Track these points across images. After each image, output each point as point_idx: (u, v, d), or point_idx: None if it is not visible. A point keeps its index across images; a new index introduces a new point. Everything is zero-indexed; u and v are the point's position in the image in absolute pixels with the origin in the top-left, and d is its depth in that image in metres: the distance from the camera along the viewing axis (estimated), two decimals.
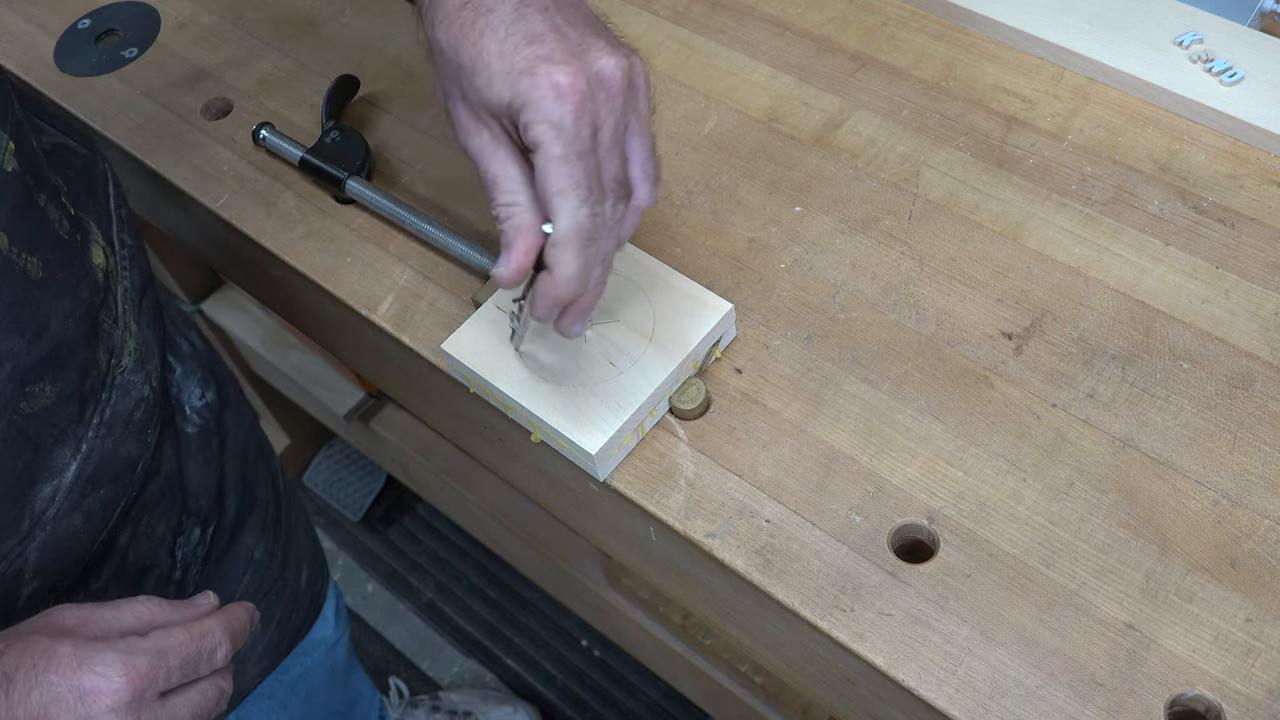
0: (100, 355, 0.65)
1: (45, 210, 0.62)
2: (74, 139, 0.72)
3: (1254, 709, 0.53)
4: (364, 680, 1.19)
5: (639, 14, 0.87)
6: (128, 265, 0.71)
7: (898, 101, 0.79)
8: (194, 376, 0.81)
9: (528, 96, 0.50)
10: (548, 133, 0.50)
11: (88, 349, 0.64)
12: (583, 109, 0.50)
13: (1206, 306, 0.67)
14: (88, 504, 0.65)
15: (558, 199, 0.51)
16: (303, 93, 0.85)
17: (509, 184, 0.53)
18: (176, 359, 0.80)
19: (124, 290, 0.70)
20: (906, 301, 0.69)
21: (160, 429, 0.72)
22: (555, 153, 0.50)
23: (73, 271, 0.64)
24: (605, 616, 1.25)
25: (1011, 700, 0.55)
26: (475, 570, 1.59)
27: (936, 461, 0.62)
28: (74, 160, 0.71)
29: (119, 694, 0.51)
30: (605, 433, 0.61)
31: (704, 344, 0.65)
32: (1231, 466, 0.61)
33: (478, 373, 0.64)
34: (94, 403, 0.65)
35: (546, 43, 0.51)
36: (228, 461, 0.83)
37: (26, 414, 0.60)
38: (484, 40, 0.51)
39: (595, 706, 1.47)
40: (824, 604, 0.58)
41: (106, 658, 0.51)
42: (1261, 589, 0.57)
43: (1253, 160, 0.73)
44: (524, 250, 0.53)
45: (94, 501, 0.65)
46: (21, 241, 0.59)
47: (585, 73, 0.51)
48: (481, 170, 0.54)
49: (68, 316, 0.62)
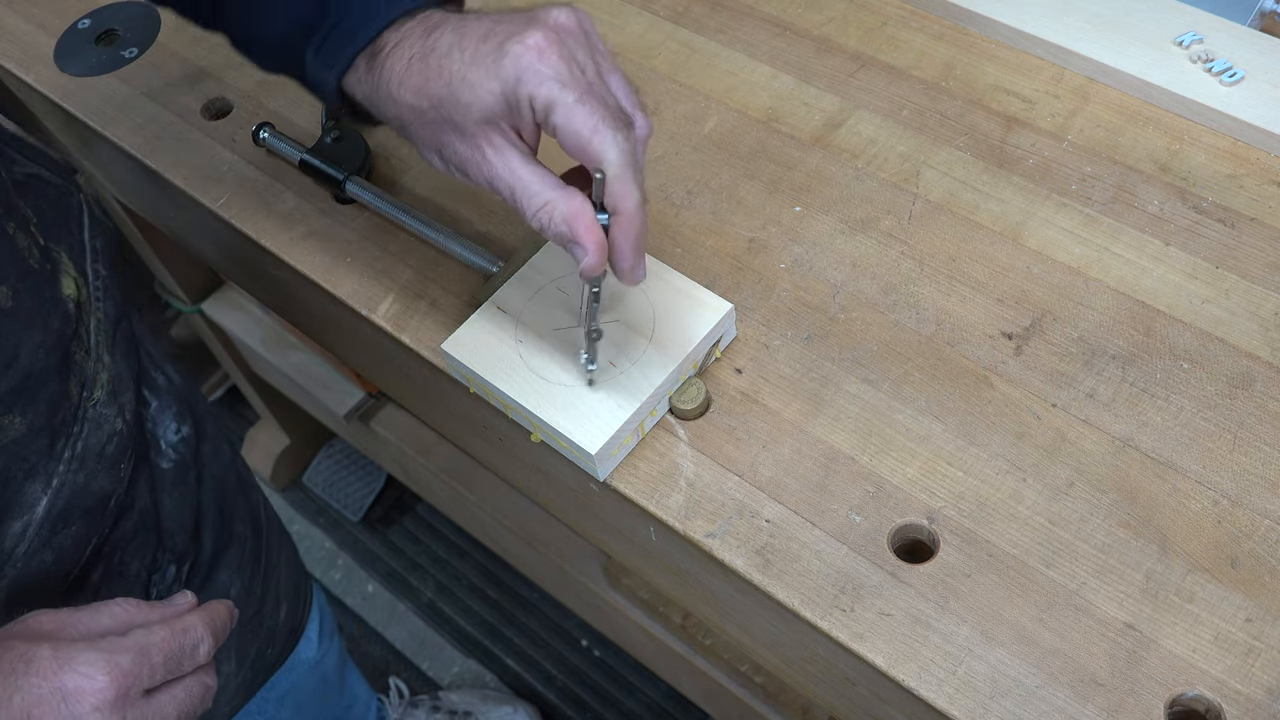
0: (72, 387, 0.64)
1: (14, 239, 0.62)
2: (49, 170, 0.72)
3: (1254, 709, 0.53)
4: (360, 684, 1.18)
5: (639, 14, 0.87)
6: (101, 296, 0.70)
7: (898, 101, 0.79)
8: (169, 411, 0.79)
9: (516, 70, 0.51)
10: (553, 87, 0.51)
11: (59, 380, 0.63)
12: (566, 55, 0.51)
13: (1206, 306, 0.67)
14: (59, 540, 0.64)
15: (596, 139, 0.51)
16: (302, 93, 0.84)
17: (531, 186, 0.53)
18: (152, 393, 0.78)
19: (97, 321, 0.69)
20: (906, 301, 0.69)
21: (134, 464, 0.71)
22: (570, 99, 0.51)
23: (43, 301, 0.63)
24: (605, 616, 1.25)
25: (1011, 700, 0.55)
26: (475, 570, 1.59)
27: (936, 461, 0.62)
28: (47, 191, 0.70)
29: (103, 693, 0.50)
30: (605, 433, 0.61)
31: (704, 344, 0.65)
32: (1231, 466, 0.61)
33: (478, 372, 0.64)
34: (65, 436, 0.64)
35: (499, 30, 0.52)
36: (205, 497, 0.82)
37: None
38: (447, 65, 0.52)
39: (595, 706, 1.47)
40: (824, 604, 0.58)
41: (88, 657, 0.51)
42: (1261, 589, 0.57)
43: (1253, 160, 0.73)
44: (588, 231, 0.53)
45: (65, 538, 0.64)
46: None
47: (546, 29, 0.52)
48: (500, 190, 0.54)
49: (38, 347, 0.61)
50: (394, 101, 0.54)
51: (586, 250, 0.53)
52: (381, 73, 0.54)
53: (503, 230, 0.75)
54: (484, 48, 0.52)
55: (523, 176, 0.53)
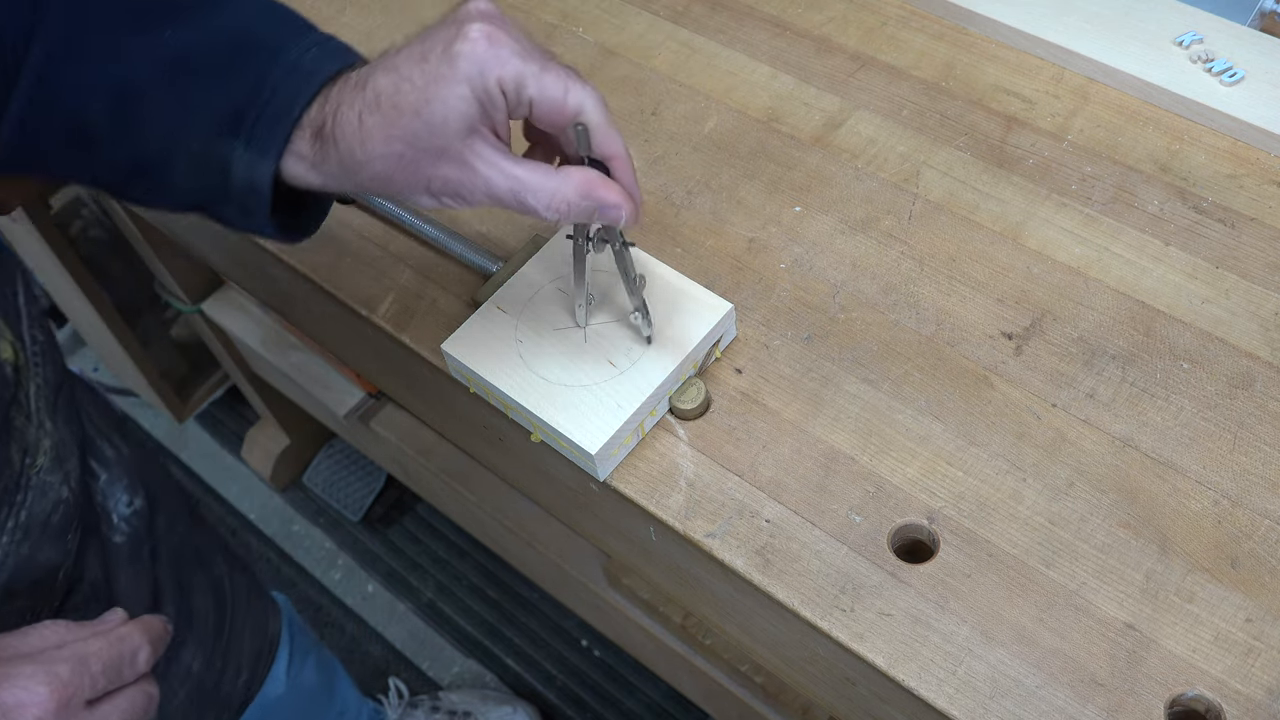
0: (13, 454, 0.63)
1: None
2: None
3: (1254, 709, 0.53)
4: (351, 690, 1.17)
5: (639, 14, 0.87)
6: (40, 361, 0.68)
7: (898, 101, 0.79)
8: (120, 483, 0.77)
9: (475, 65, 0.50)
10: (516, 64, 0.50)
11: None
12: (510, 33, 0.51)
13: (1206, 306, 0.67)
14: (5, 615, 0.62)
15: (570, 96, 0.51)
16: None
17: (532, 183, 0.52)
18: (100, 464, 0.76)
19: (36, 387, 0.67)
20: (906, 301, 0.69)
21: (82, 535, 0.69)
22: (535, 69, 0.51)
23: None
24: (605, 616, 1.25)
25: (1011, 700, 0.55)
26: (475, 570, 1.59)
27: (936, 461, 0.62)
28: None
29: (44, 704, 0.49)
30: (605, 433, 0.61)
31: (704, 344, 0.65)
32: (1231, 466, 0.61)
33: (478, 373, 0.64)
34: (8, 505, 0.62)
35: (433, 45, 0.51)
36: (161, 572, 0.79)
37: None
38: (403, 100, 0.50)
39: (595, 706, 1.46)
40: (824, 604, 0.58)
41: (27, 670, 0.50)
42: (1261, 589, 0.57)
43: (1253, 160, 0.73)
44: (608, 188, 0.53)
45: (11, 613, 0.62)
46: None
47: (479, 20, 0.51)
48: (503, 198, 0.53)
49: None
50: (366, 163, 0.52)
51: (617, 204, 0.53)
52: (339, 145, 0.51)
53: (503, 230, 0.75)
54: (430, 65, 0.50)
55: (520, 176, 0.52)
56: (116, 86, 0.52)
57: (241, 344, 1.39)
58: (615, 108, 0.80)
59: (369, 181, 0.53)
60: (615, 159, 0.54)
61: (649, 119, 0.80)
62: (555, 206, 0.52)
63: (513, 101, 0.51)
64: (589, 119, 0.52)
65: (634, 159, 0.78)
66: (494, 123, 0.52)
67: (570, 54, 0.85)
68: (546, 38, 0.86)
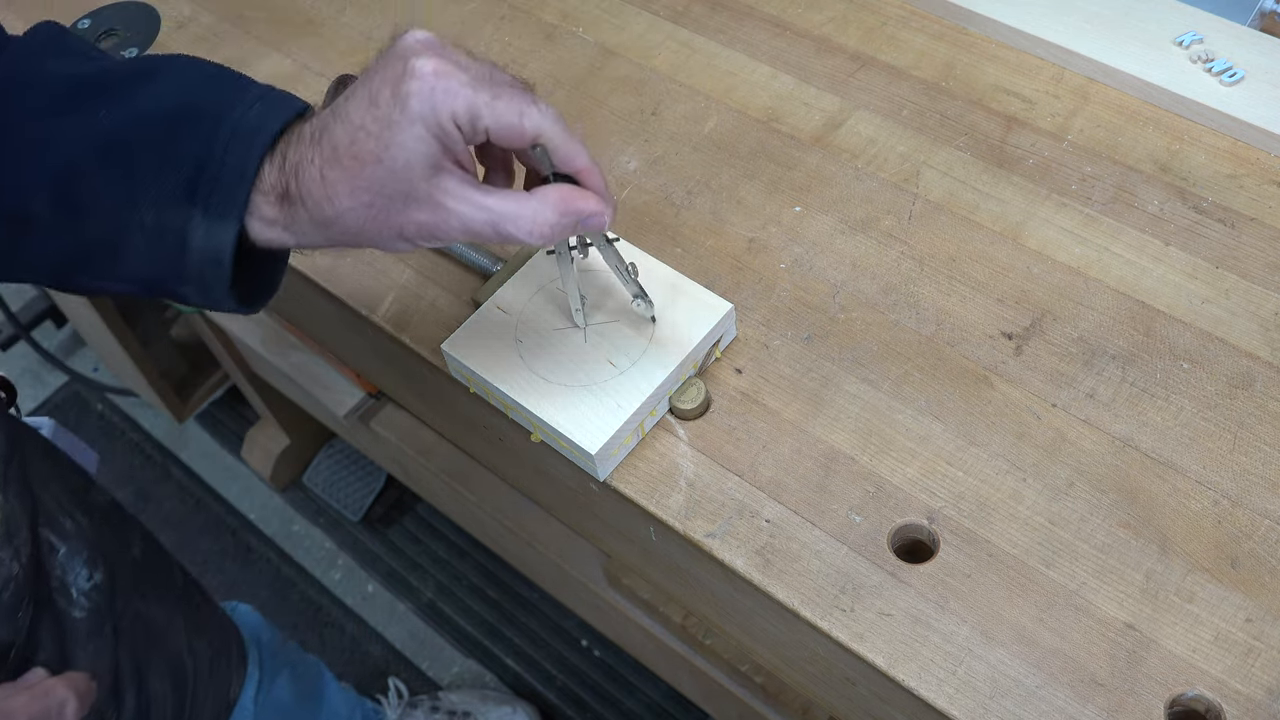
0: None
1: None
2: None
3: (1254, 709, 0.53)
4: (338, 694, 1.15)
5: (639, 14, 0.87)
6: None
7: (898, 101, 0.79)
8: (80, 556, 0.74)
9: (427, 102, 0.49)
10: (467, 95, 0.49)
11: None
12: (455, 64, 0.50)
13: (1206, 306, 0.67)
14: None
15: (525, 119, 0.51)
16: (302, 93, 0.84)
17: (507, 211, 0.51)
18: (60, 537, 0.74)
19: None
20: (906, 301, 0.69)
21: (34, 611, 0.66)
22: (486, 97, 0.50)
23: None
24: (605, 616, 1.25)
25: (1011, 700, 0.55)
26: (475, 570, 1.59)
27: (936, 461, 0.62)
28: None
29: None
30: (605, 433, 0.61)
31: (704, 344, 0.65)
32: (1231, 466, 0.61)
33: (478, 373, 0.64)
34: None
35: (380, 86, 0.50)
36: (121, 651, 0.76)
37: None
38: (361, 149, 0.49)
39: (595, 706, 1.46)
40: (824, 604, 0.58)
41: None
42: (1261, 589, 0.57)
43: (1253, 160, 0.73)
44: (584, 199, 0.53)
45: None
46: None
47: (422, 54, 0.50)
48: (481, 232, 0.52)
49: None
50: (336, 219, 0.50)
51: (597, 211, 0.53)
52: (306, 204, 0.50)
53: None
54: (381, 110, 0.49)
55: (492, 206, 0.51)
56: (55, 174, 0.51)
57: (241, 344, 1.39)
58: (615, 108, 0.81)
59: (341, 235, 0.51)
60: (582, 172, 0.53)
61: (649, 119, 0.80)
62: (539, 232, 0.51)
63: (468, 133, 0.50)
64: (548, 139, 0.52)
65: (634, 159, 0.78)
66: (455, 155, 0.51)
67: (570, 54, 0.85)
68: (546, 38, 0.86)
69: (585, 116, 0.81)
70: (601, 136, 0.79)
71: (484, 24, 0.88)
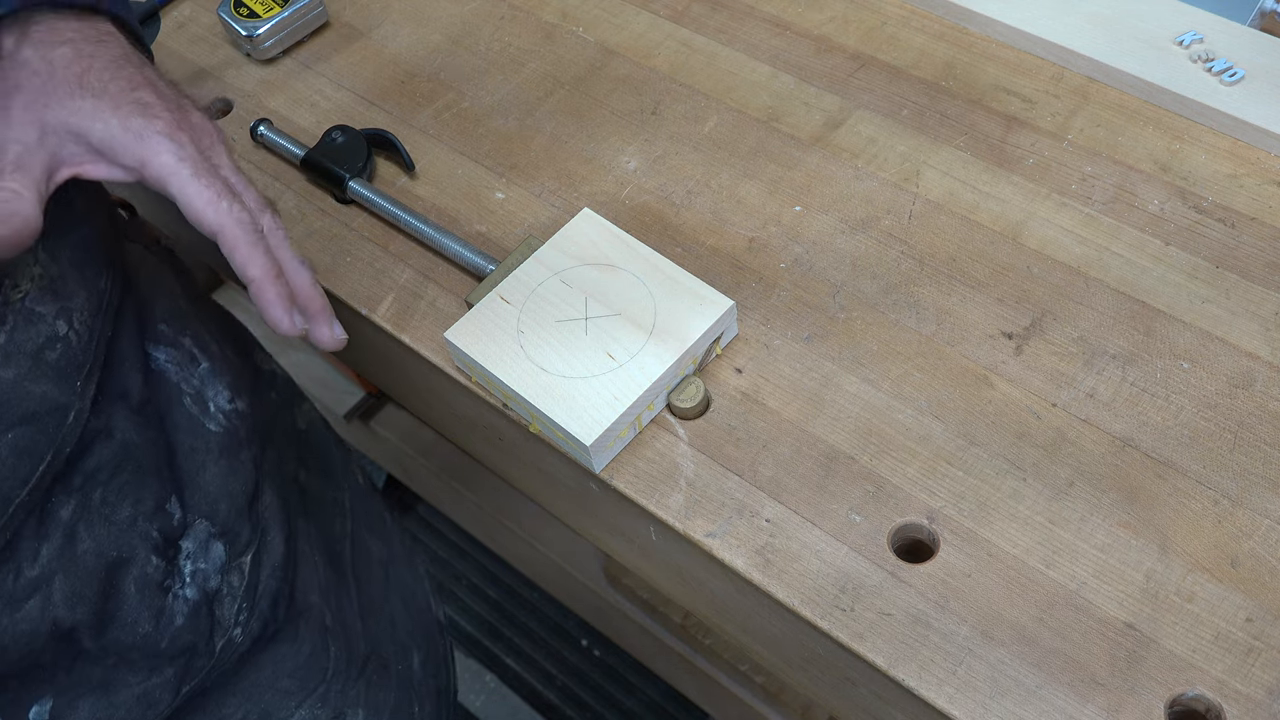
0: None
1: None
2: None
3: (1254, 709, 0.53)
4: None
5: (639, 14, 0.87)
6: None
7: (898, 101, 0.79)
8: (222, 379, 0.73)
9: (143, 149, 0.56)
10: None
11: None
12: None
13: (1206, 306, 0.67)
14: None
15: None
16: (302, 93, 0.85)
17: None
18: (204, 354, 0.73)
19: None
20: (906, 301, 0.69)
21: (102, 389, 0.64)
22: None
23: None
24: (605, 616, 1.25)
25: (1011, 700, 0.55)
26: (475, 570, 1.59)
27: (936, 461, 0.62)
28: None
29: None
30: (601, 424, 0.61)
31: (704, 340, 0.65)
32: (1231, 466, 0.61)
33: (479, 362, 0.65)
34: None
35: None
36: (266, 487, 0.74)
37: None
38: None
39: (595, 706, 1.47)
40: (824, 604, 0.58)
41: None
42: (1261, 589, 0.57)
43: (1253, 160, 0.73)
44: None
45: (3, 445, 0.57)
46: None
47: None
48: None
49: None
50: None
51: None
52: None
53: (501, 231, 0.75)
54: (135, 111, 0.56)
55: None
56: None
57: None
58: (615, 107, 0.81)
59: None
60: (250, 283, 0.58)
61: (649, 119, 0.80)
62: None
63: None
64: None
65: (634, 159, 0.78)
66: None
67: (570, 53, 0.85)
68: (546, 37, 0.86)
69: (585, 116, 0.81)
70: (601, 136, 0.79)
71: (484, 24, 0.88)
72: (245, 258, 0.57)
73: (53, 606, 0.58)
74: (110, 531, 0.63)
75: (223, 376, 0.74)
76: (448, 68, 0.85)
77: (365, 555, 0.85)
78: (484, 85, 0.84)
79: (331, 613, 0.77)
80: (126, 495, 0.64)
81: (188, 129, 0.57)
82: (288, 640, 0.73)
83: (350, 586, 0.82)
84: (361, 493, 0.89)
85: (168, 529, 0.66)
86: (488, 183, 0.77)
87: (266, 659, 0.72)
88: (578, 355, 0.64)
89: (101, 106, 0.56)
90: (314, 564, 0.78)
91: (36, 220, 0.54)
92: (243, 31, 0.84)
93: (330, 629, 0.76)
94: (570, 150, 0.79)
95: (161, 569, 0.65)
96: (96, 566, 0.61)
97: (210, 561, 0.68)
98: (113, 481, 0.63)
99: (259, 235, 0.58)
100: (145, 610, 0.63)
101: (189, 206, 0.56)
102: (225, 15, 0.85)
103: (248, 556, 0.70)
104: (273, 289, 0.58)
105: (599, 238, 0.69)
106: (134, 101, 0.56)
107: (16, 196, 0.54)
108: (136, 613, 0.63)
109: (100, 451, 0.62)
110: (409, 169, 0.78)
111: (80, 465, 0.61)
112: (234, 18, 0.85)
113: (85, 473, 0.62)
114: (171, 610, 0.65)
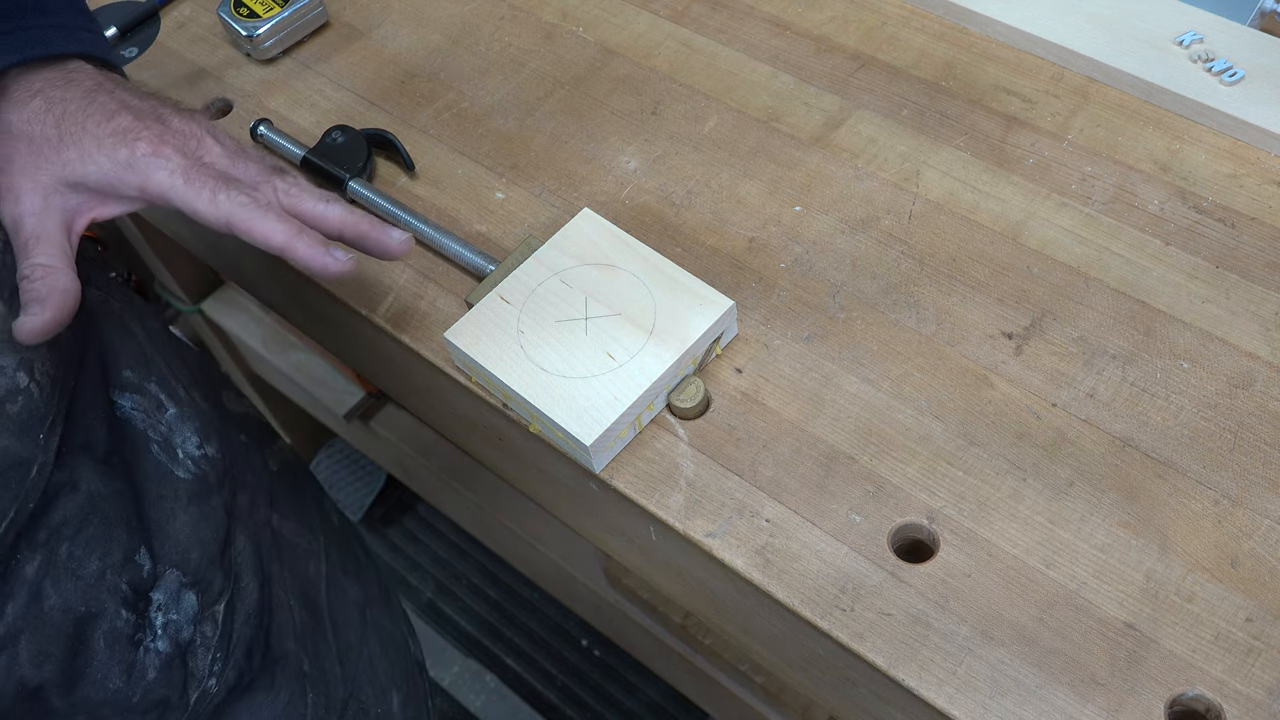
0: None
1: None
2: None
3: (1254, 709, 0.53)
4: None
5: (639, 14, 0.87)
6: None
7: (898, 101, 0.79)
8: (190, 424, 0.72)
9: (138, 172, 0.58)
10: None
11: None
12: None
13: (1206, 306, 0.67)
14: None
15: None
16: (302, 93, 0.85)
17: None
18: (171, 400, 0.72)
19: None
20: (906, 301, 0.69)
21: (65, 440, 0.62)
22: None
23: None
24: (605, 616, 1.25)
25: (1011, 700, 0.55)
26: (475, 570, 1.59)
27: (936, 461, 0.62)
28: None
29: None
30: (601, 424, 0.61)
31: (704, 340, 0.65)
32: (1231, 466, 0.61)
33: (479, 362, 0.65)
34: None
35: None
36: (238, 534, 0.72)
37: None
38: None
39: (595, 706, 1.47)
40: (824, 604, 0.58)
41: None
42: (1261, 589, 0.57)
43: (1253, 160, 0.73)
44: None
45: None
46: None
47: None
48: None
49: None
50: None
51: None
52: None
53: (501, 231, 0.75)
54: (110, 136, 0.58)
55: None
56: None
57: (241, 344, 1.39)
58: (615, 107, 0.81)
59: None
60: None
61: (649, 119, 0.80)
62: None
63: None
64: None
65: (634, 159, 0.78)
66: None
67: (570, 53, 0.85)
68: (546, 37, 0.86)
69: (585, 116, 0.81)
70: (601, 136, 0.79)
71: (484, 24, 0.88)
72: (262, 234, 0.58)
73: (19, 666, 0.56)
74: (78, 586, 0.60)
75: (191, 422, 0.72)
76: (448, 68, 0.85)
77: (341, 597, 0.83)
78: (484, 85, 0.84)
79: (308, 658, 0.76)
80: (94, 548, 0.62)
81: (171, 140, 0.58)
82: (264, 689, 0.71)
83: (327, 630, 0.80)
84: (336, 533, 0.86)
85: (137, 581, 0.64)
86: (488, 183, 0.77)
87: (243, 709, 0.70)
88: (578, 355, 0.64)
89: (86, 150, 0.56)
90: (289, 609, 0.76)
91: (75, 287, 0.54)
92: (243, 31, 0.84)
93: (308, 675, 0.75)
94: (570, 150, 0.79)
95: (132, 622, 0.63)
96: (64, 623, 0.59)
97: (182, 612, 0.66)
98: (79, 535, 0.61)
99: (266, 208, 0.58)
100: (116, 665, 0.61)
101: (193, 213, 0.58)
102: (225, 15, 0.85)
103: (221, 605, 0.69)
104: (302, 246, 0.59)
105: (599, 238, 0.69)
106: (114, 132, 0.57)
107: (50, 272, 0.54)
108: (106, 668, 0.61)
109: (65, 505, 0.60)
110: (409, 169, 0.78)
111: (45, 520, 0.59)
112: (234, 18, 0.85)
113: (50, 527, 0.59)
114: (143, 664, 0.63)
